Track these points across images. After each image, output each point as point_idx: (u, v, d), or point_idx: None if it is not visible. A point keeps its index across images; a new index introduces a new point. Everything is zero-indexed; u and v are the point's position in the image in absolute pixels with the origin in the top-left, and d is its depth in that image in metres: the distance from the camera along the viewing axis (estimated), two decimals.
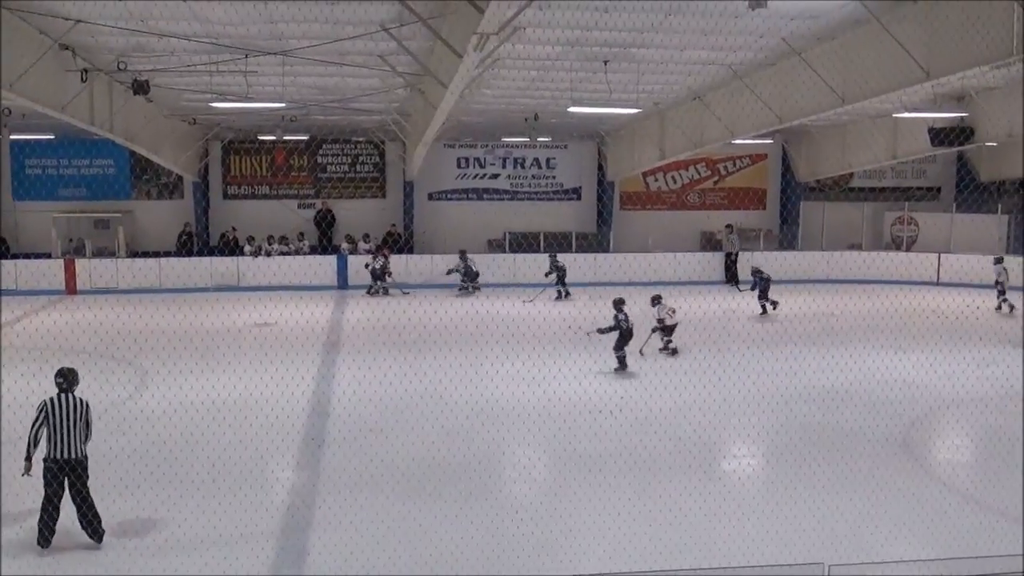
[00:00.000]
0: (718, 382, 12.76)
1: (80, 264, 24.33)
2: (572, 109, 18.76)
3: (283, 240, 26.80)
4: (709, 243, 28.53)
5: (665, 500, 9.05)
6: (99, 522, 8.16)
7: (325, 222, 27.95)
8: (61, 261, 24.40)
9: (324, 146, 28.39)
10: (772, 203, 30.53)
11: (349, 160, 28.67)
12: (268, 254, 25.53)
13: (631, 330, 14.60)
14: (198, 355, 15.03)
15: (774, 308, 20.19)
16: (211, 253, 26.15)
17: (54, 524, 8.03)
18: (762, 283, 20.20)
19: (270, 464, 10.55)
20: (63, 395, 8.19)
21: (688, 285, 24.12)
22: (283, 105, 18.45)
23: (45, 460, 8.08)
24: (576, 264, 23.99)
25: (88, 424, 8.25)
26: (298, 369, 14.39)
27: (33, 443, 8.12)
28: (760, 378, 13.58)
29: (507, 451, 11.13)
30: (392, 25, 12.74)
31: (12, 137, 24.94)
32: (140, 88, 15.43)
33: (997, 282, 20.62)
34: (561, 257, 23.23)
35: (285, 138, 26.01)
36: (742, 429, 11.82)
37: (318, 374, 14.64)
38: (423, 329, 17.79)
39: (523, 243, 26.97)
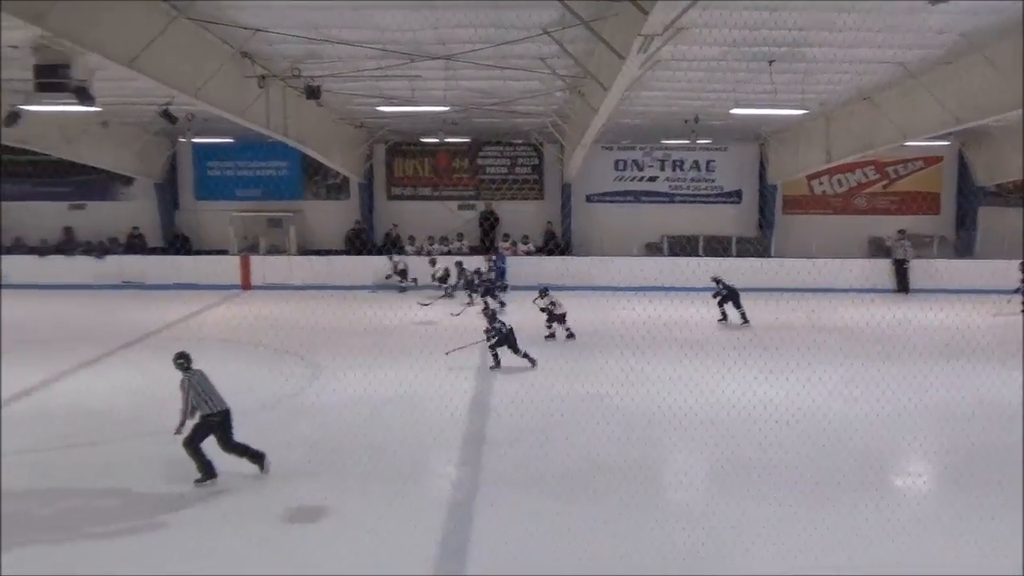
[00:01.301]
0: (891, 395, 12.22)
1: (255, 261, 25.61)
2: (735, 111, 18.38)
3: (443, 240, 27.39)
4: (879, 249, 27.36)
5: (835, 515, 8.74)
6: (254, 451, 9.79)
7: (488, 223, 28.38)
8: (237, 258, 25.74)
9: (484, 148, 28.83)
10: (947, 208, 29.00)
11: (508, 162, 29.02)
12: (429, 254, 26.13)
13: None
14: (364, 351, 15.52)
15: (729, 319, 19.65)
16: (375, 252, 26.97)
17: (211, 463, 9.61)
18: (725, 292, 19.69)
19: (432, 459, 10.79)
20: (190, 370, 9.67)
21: (855, 293, 23.23)
22: (446, 108, 18.86)
23: (206, 417, 9.53)
24: (736, 269, 23.47)
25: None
26: (459, 367, 14.69)
27: (188, 414, 9.54)
28: (933, 392, 12.92)
29: (669, 456, 11.00)
30: (554, 28, 12.81)
31: (195, 141, 26.44)
32: (312, 93, 16.08)
33: None
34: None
35: (447, 140, 26.56)
36: (915, 444, 11.27)
37: (478, 373, 14.86)
38: (582, 331, 17.82)
39: (681, 247, 26.64)
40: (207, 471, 9.64)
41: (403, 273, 24.91)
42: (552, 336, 17.65)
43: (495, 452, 10.86)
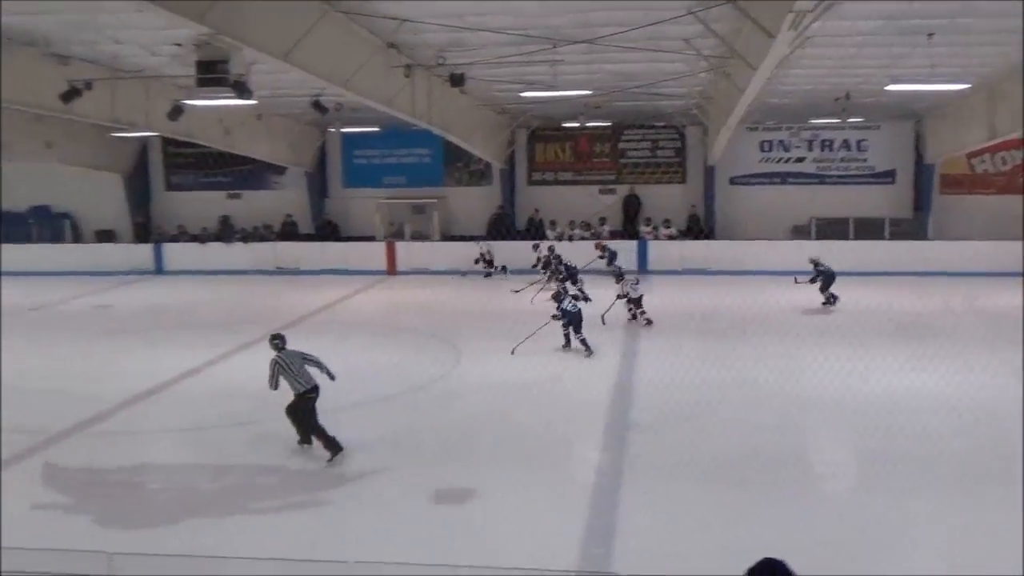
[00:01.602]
0: None
1: (400, 246, 26.24)
2: (890, 87, 17.59)
3: (584, 225, 27.35)
4: None
5: (997, 514, 8.30)
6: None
7: (632, 208, 28.14)
8: (383, 244, 26.42)
9: (626, 132, 28.58)
10: None
11: (650, 145, 28.67)
12: (570, 239, 26.13)
13: None
14: (509, 334, 15.68)
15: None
16: (517, 237, 27.13)
17: (317, 431, 10.19)
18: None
19: (576, 443, 10.81)
20: (282, 351, 10.29)
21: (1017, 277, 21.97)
22: (588, 92, 18.77)
23: (300, 396, 10.19)
24: (891, 251, 22.54)
25: (317, 363, 10.39)
26: (603, 352, 14.65)
27: (274, 385, 10.20)
28: None
29: (820, 445, 10.68)
30: (699, 8, 12.55)
31: (343, 130, 27.24)
32: (457, 81, 16.28)
33: None
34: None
35: (588, 125, 26.45)
36: None
37: (622, 357, 14.80)
38: (724, 315, 17.50)
39: (831, 229, 25.75)
40: (307, 438, 10.41)
41: (489, 261, 25.11)
42: (634, 318, 17.61)
43: (640, 437, 10.79)
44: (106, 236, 29.52)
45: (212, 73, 12.94)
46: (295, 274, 25.57)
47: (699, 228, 26.84)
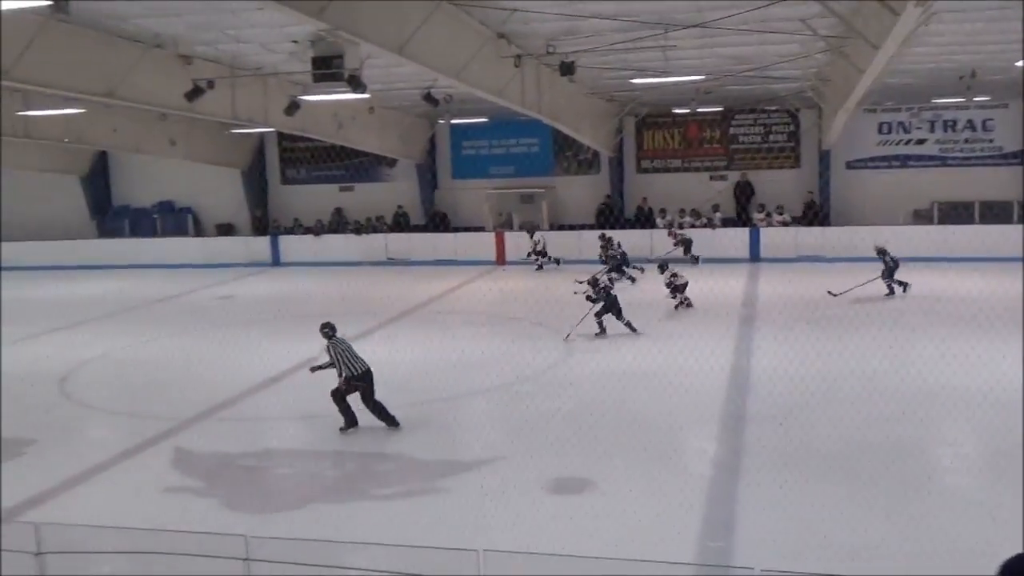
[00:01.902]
0: None
1: (509, 236, 26.38)
2: (1021, 63, 16.78)
3: (694, 213, 26.97)
4: None
5: None
6: (388, 413, 10.85)
7: (744, 195, 27.62)
8: (492, 234, 26.61)
9: (737, 116, 28.04)
10: None
11: (762, 130, 28.07)
12: (680, 227, 25.80)
13: None
14: (618, 324, 15.59)
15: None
16: (626, 226, 26.94)
17: (354, 414, 10.86)
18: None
19: (691, 434, 10.69)
20: (334, 338, 11.01)
21: None
22: (700, 77, 18.47)
23: (349, 379, 10.75)
24: (1020, 237, 21.50)
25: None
26: (716, 342, 14.44)
27: (340, 369, 10.80)
28: None
29: (944, 437, 10.30)
30: None
31: (453, 122, 27.50)
32: (567, 69, 16.22)
33: None
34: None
35: (698, 111, 26.06)
36: None
37: (736, 348, 14.56)
38: (839, 303, 17.03)
39: (955, 214, 24.76)
40: (350, 421, 10.90)
41: (542, 252, 25.05)
42: (681, 305, 17.94)
43: (757, 430, 10.59)
44: (226, 229, 30.61)
45: (327, 68, 13.22)
46: (406, 265, 25.97)
47: (814, 214, 26.14)
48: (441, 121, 27.94)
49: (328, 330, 11.19)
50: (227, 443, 10.83)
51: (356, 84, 13.58)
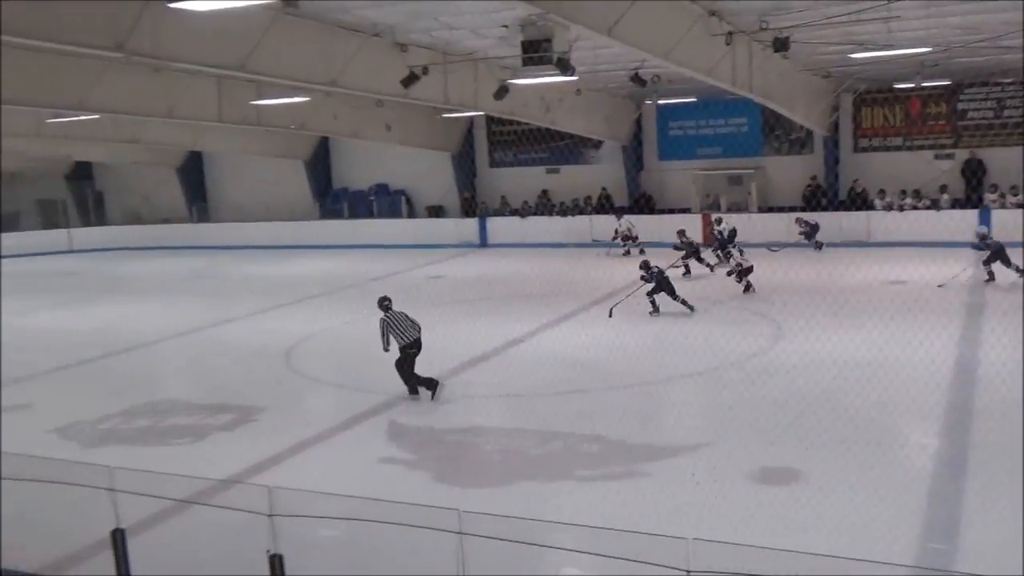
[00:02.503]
0: None
1: (715, 218, 25.79)
2: None
3: (916, 194, 25.44)
4: None
5: None
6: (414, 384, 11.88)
7: (975, 174, 25.77)
8: (699, 216, 26.12)
9: (965, 91, 26.15)
10: None
11: (994, 104, 26.03)
12: (901, 209, 24.40)
13: None
14: (830, 311, 14.97)
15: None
16: (840, 208, 25.76)
17: (416, 379, 11.86)
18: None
19: (910, 428, 10.13)
20: (390, 311, 11.98)
21: None
22: (926, 50, 17.36)
23: (403, 348, 11.76)
24: None
25: (417, 325, 11.98)
26: (938, 331, 13.58)
27: (386, 344, 11.82)
28: None
29: None
30: None
31: (660, 102, 27.17)
32: (780, 45, 15.66)
33: None
34: None
35: (923, 85, 24.50)
36: None
37: (961, 337, 13.65)
38: None
39: None
40: (414, 389, 11.90)
41: (632, 237, 24.75)
42: (746, 289, 18.24)
43: (984, 424, 9.91)
44: (436, 211, 31.64)
45: (536, 52, 13.41)
46: (610, 246, 25.94)
47: None
48: (648, 102, 27.67)
49: (387, 303, 12.18)
50: (437, 419, 11.22)
51: (564, 67, 13.67)
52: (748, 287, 18.34)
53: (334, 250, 28.46)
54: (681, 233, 21.96)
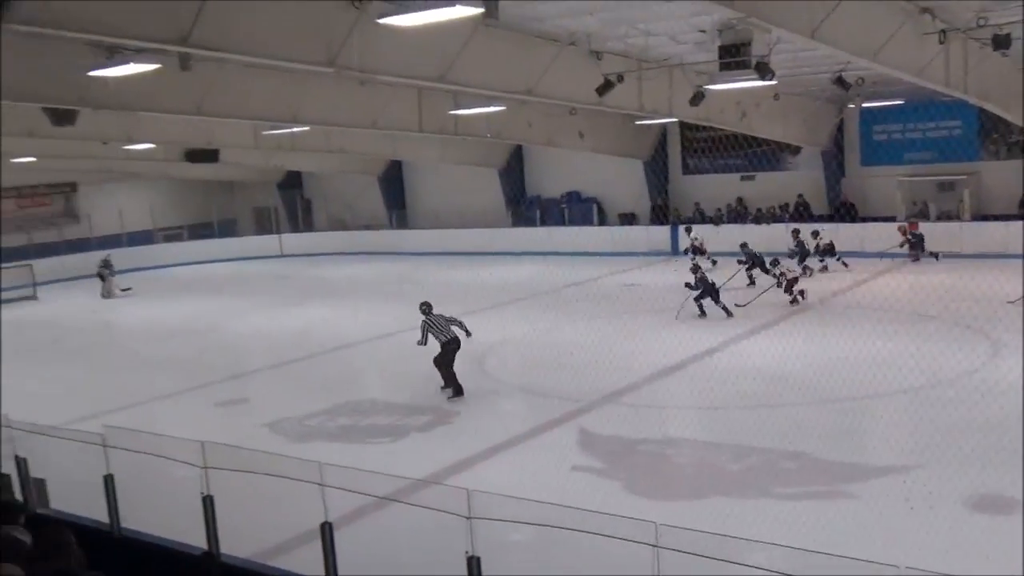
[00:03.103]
0: None
1: (923, 227, 24.39)
2: None
3: None
4: None
5: None
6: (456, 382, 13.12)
7: None
8: (905, 224, 24.74)
9: None
10: None
11: None
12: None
13: None
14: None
15: None
16: None
17: (451, 376, 13.06)
18: None
19: None
20: (430, 315, 13.18)
21: None
22: None
23: (444, 344, 13.00)
24: None
25: (459, 323, 13.33)
26: None
27: (424, 340, 13.05)
28: None
29: None
30: None
31: (864, 105, 25.94)
32: (1001, 43, 14.60)
33: None
34: None
35: None
36: None
37: None
38: None
39: None
40: (456, 388, 13.10)
41: (699, 249, 24.09)
42: (793, 301, 18.50)
43: None
44: (628, 219, 31.47)
45: (735, 56, 13.08)
46: (808, 255, 24.98)
47: None
48: (851, 105, 26.45)
49: (426, 307, 13.33)
50: (629, 428, 11.12)
51: (764, 71, 13.29)
52: (794, 299, 18.56)
53: (527, 257, 28.83)
54: (744, 245, 22.40)
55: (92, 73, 12.20)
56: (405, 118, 21.08)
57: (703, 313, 17.93)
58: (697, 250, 25.10)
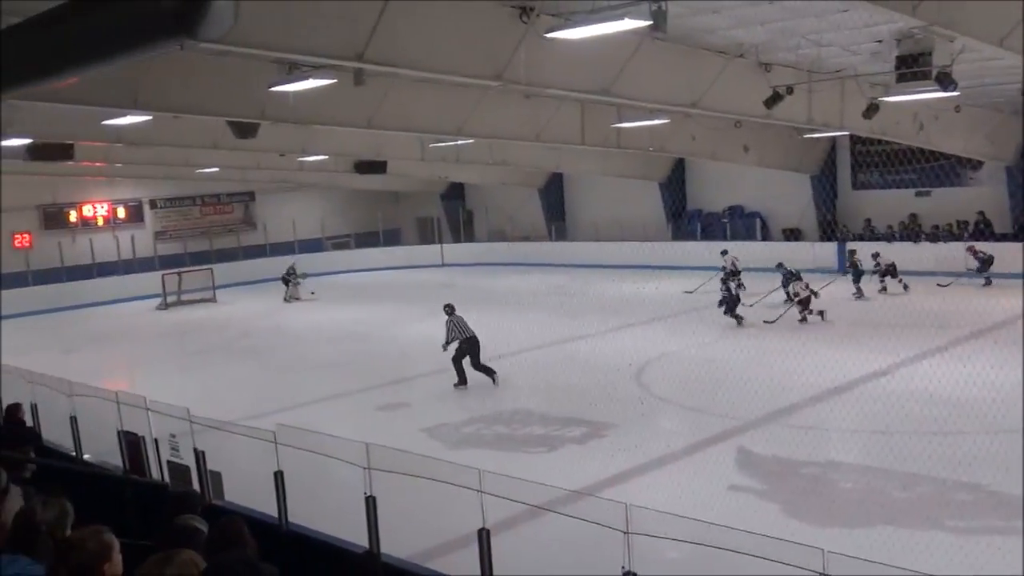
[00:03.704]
0: None
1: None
2: None
3: None
4: None
5: None
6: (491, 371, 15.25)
7: None
8: None
9: None
10: None
11: None
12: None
13: None
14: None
15: None
16: None
17: (464, 373, 15.22)
18: None
19: None
20: (453, 315, 15.45)
21: None
22: None
23: (461, 342, 15.13)
24: None
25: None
26: None
27: (448, 342, 15.23)
28: None
29: None
30: None
31: None
32: None
33: None
34: None
35: None
36: None
37: None
38: None
39: None
40: (461, 380, 15.16)
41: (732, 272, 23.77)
42: (803, 320, 19.58)
43: None
44: (792, 234, 30.56)
45: (914, 67, 12.54)
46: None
47: None
48: None
49: (449, 309, 15.54)
50: (790, 449, 10.79)
51: (946, 82, 12.72)
52: (803, 317, 19.62)
53: (686, 271, 28.42)
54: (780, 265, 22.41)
55: (273, 88, 12.85)
56: (568, 131, 21.23)
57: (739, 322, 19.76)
58: (732, 272, 25.10)
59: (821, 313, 19.67)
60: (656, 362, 16.24)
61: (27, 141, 18.83)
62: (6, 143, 18.79)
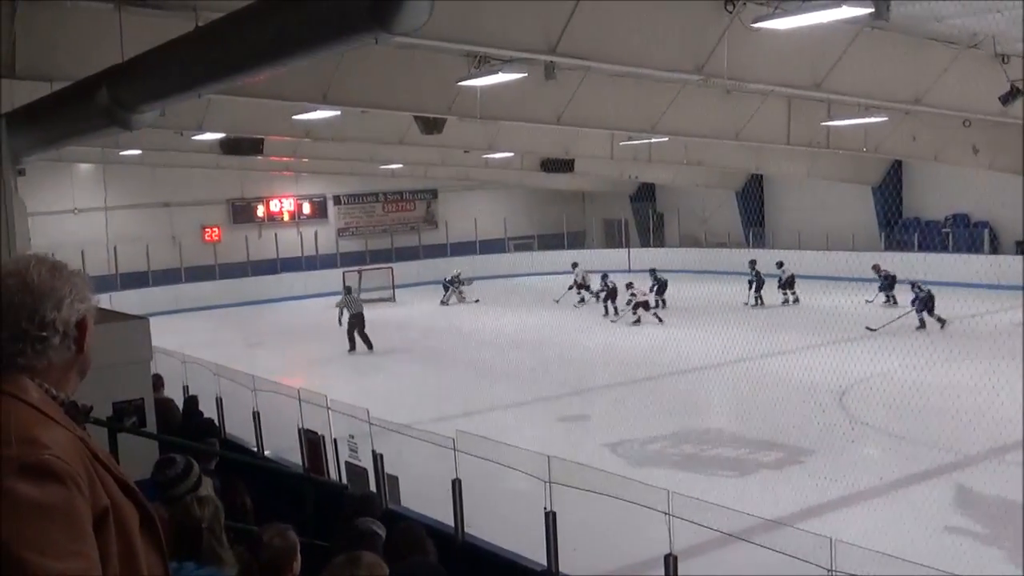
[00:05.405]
0: None
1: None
2: None
3: None
4: None
5: None
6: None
7: None
8: None
9: None
10: None
11: None
12: None
13: None
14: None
15: None
16: None
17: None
18: None
19: None
20: (348, 295, 20.60)
21: None
22: None
23: (352, 317, 20.82)
24: None
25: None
26: None
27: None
28: None
29: None
30: None
31: None
32: None
33: None
34: None
35: None
36: None
37: None
38: None
39: None
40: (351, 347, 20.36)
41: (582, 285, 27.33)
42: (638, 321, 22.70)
43: None
44: None
45: None
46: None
47: None
48: None
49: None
50: (1018, 490, 10.10)
51: None
52: (638, 319, 23.00)
53: (899, 285, 27.12)
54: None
55: (461, 83, 13.19)
56: (772, 129, 20.72)
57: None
58: (582, 286, 28.83)
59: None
60: (861, 384, 15.59)
61: (220, 136, 20.19)
62: (198, 137, 20.22)
